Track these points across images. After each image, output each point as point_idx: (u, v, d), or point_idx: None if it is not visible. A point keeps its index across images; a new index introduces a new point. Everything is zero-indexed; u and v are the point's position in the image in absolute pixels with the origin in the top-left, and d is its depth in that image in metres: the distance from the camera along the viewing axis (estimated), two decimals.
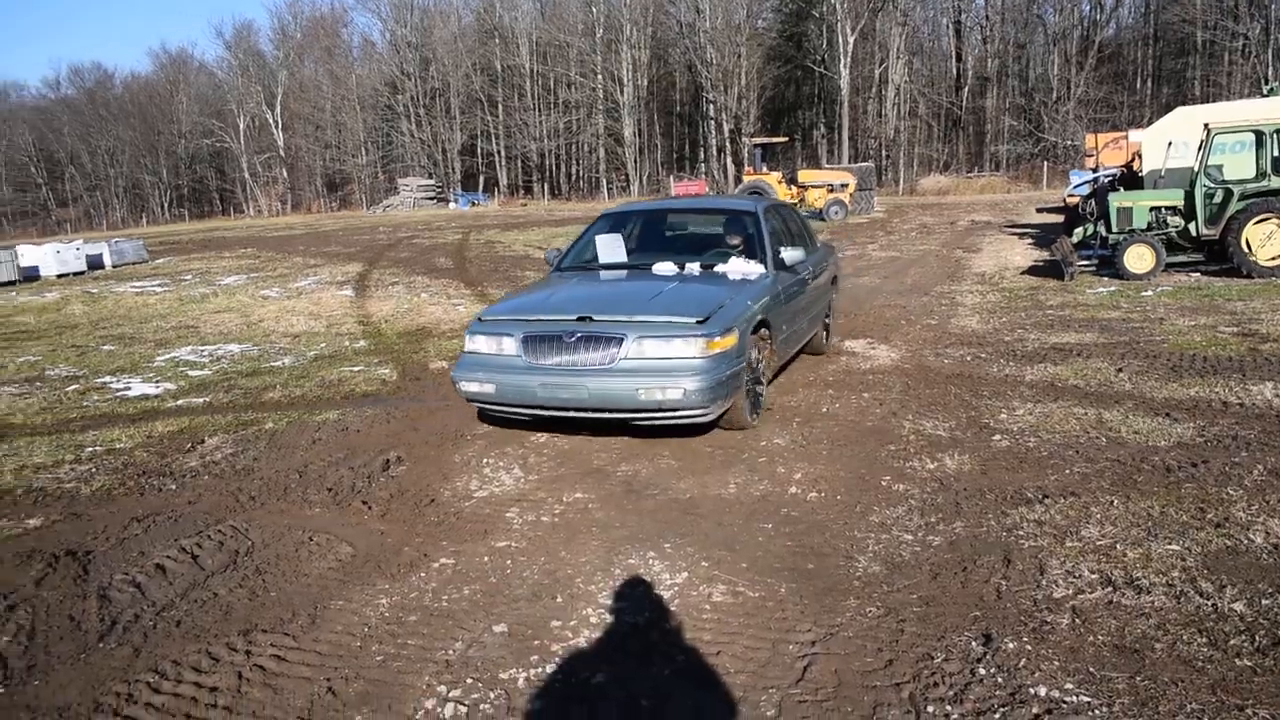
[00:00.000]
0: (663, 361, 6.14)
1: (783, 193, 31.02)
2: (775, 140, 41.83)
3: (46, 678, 3.87)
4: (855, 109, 56.71)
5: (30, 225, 75.13)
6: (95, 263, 26.80)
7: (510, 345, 6.54)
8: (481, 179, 69.80)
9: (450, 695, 3.56)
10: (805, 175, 33.77)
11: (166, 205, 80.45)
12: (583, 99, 64.06)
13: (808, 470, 5.97)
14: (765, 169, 33.52)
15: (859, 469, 5.95)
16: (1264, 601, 3.90)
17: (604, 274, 7.92)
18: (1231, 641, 3.60)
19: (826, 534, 4.92)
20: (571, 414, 6.41)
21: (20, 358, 12.01)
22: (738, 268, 7.44)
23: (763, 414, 7.13)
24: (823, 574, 4.45)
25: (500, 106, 67.96)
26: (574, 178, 68.84)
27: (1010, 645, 3.66)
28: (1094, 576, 4.22)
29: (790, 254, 7.83)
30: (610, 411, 6.26)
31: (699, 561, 4.67)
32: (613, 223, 8.81)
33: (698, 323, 6.25)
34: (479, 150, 70.47)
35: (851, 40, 52.77)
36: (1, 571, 4.95)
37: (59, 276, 24.94)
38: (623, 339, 6.21)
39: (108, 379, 10.32)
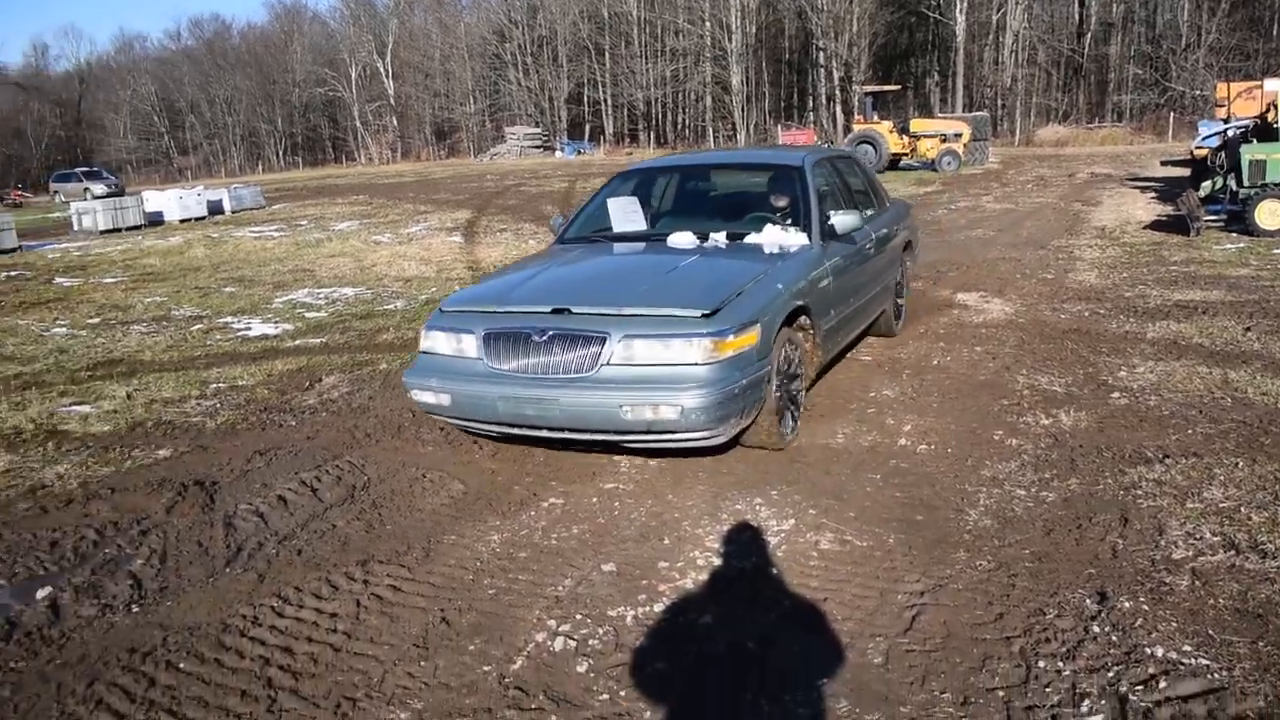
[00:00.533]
0: (656, 369, 4.78)
1: (894, 143, 30.37)
2: (887, 89, 40.81)
3: (178, 599, 4.08)
4: (970, 56, 54.91)
5: (153, 172, 76.33)
6: (215, 208, 27.98)
7: (470, 344, 5.21)
8: (587, 128, 69.76)
9: (559, 630, 3.64)
10: (917, 125, 32.75)
11: (281, 153, 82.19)
12: (690, 46, 63.12)
13: (917, 422, 5.90)
14: (876, 118, 32.57)
15: (970, 423, 5.86)
16: None
17: (615, 247, 6.62)
18: None
19: (936, 486, 4.87)
20: (544, 434, 5.11)
21: (148, 298, 12.55)
22: (773, 238, 6.12)
23: (806, 417, 5.93)
24: (932, 526, 4.41)
25: (607, 54, 67.48)
26: (680, 126, 68.28)
27: (1126, 604, 3.58)
28: (1216, 539, 4.08)
29: (843, 219, 6.35)
30: (590, 433, 4.98)
31: (806, 509, 4.68)
32: (633, 182, 7.34)
33: (704, 316, 4.84)
34: (585, 99, 70.49)
35: None
36: (135, 499, 5.21)
37: (181, 221, 26.10)
38: (605, 338, 4.85)
39: (229, 319, 10.72)
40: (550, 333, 4.96)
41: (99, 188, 41.68)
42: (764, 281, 5.36)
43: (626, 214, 6.73)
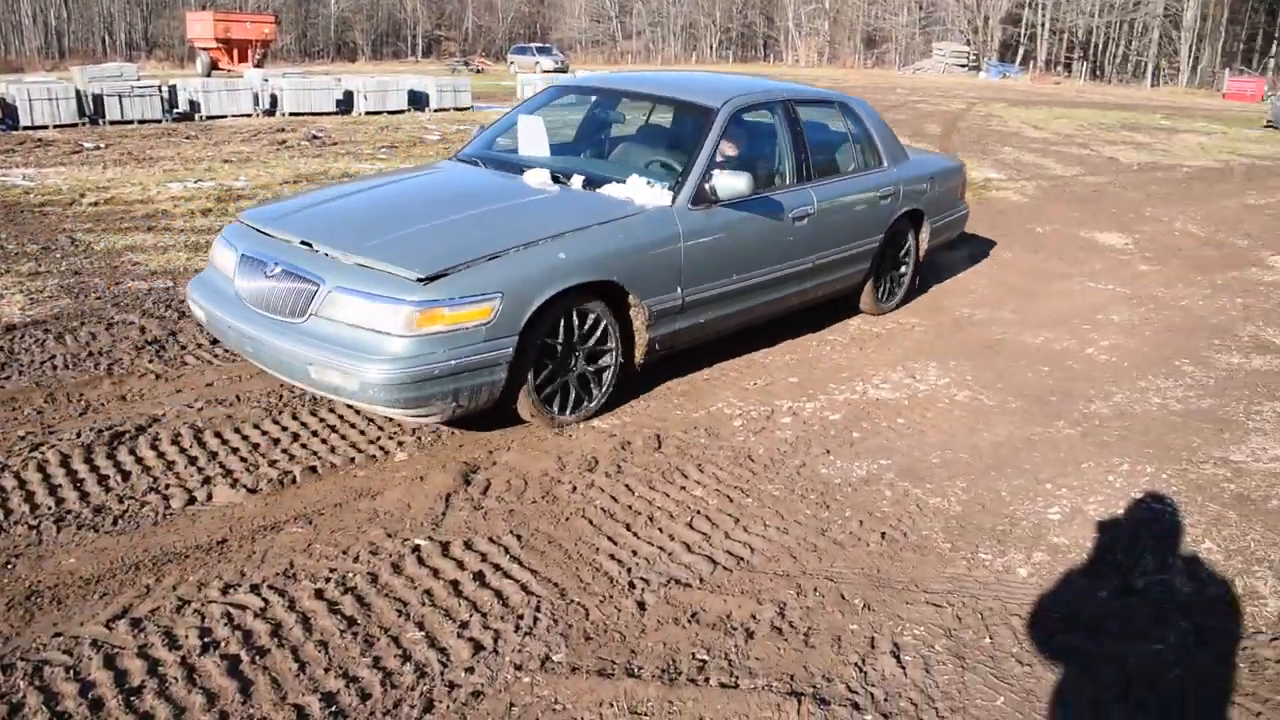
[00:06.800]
0: (355, 332, 4.18)
1: None
2: None
3: None
4: None
5: (598, 53, 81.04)
6: None
7: (231, 263, 4.73)
8: (1020, 51, 69.06)
9: (736, 404, 5.31)
10: None
11: (715, 46, 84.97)
12: None
13: (1117, 341, 6.74)
14: None
15: (1167, 350, 6.58)
16: None
17: (461, 176, 5.84)
18: None
19: (1089, 383, 5.86)
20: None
21: None
22: (632, 192, 5.25)
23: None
24: (1057, 404, 5.49)
25: None
26: (1119, 59, 61.91)
27: (1167, 477, 4.60)
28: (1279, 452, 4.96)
29: (725, 182, 5.23)
30: (294, 383, 4.47)
31: (965, 375, 5.91)
32: (553, 100, 6.71)
33: (420, 280, 4.15)
34: (1023, 20, 68.96)
35: None
36: None
37: None
38: (318, 285, 4.28)
39: None
40: (281, 267, 4.46)
41: (548, 63, 48.90)
42: (545, 246, 4.58)
43: (534, 136, 6.06)
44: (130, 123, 18.47)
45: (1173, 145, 21.56)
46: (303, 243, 4.56)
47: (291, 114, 20.90)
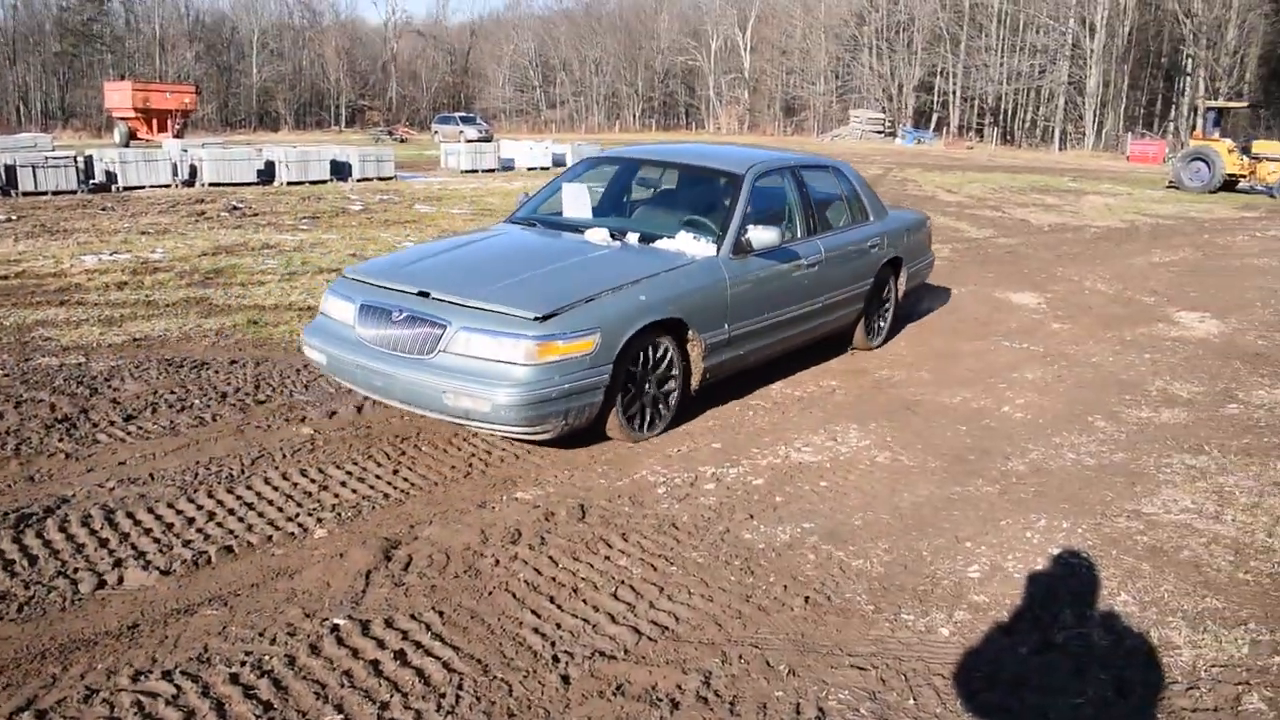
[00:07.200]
0: (483, 363, 5.07)
1: (1231, 162, 27.85)
2: (1234, 105, 36.32)
3: None
4: None
5: (522, 122, 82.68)
6: (558, 160, 30.08)
7: (349, 312, 5.60)
8: (934, 117, 70.38)
9: (659, 469, 5.34)
10: (1262, 146, 28.97)
11: (638, 115, 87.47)
12: (1050, 44, 61.88)
13: (1032, 399, 6.88)
14: (1216, 134, 29.02)
15: (1079, 407, 6.71)
16: None
17: (530, 236, 6.77)
18: None
19: (1006, 441, 5.99)
20: (394, 404, 5.52)
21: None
22: (682, 245, 6.27)
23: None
24: (976, 463, 5.60)
25: (962, 45, 67.42)
26: (1028, 125, 64.02)
27: (1082, 532, 4.70)
28: (1189, 504, 5.09)
29: (759, 235, 6.36)
30: (422, 410, 5.31)
31: (885, 437, 6.00)
32: (593, 169, 7.69)
33: (536, 319, 5.08)
34: (935, 89, 70.81)
35: None
36: None
37: (528, 169, 29.06)
38: (445, 327, 5.16)
39: None
40: (406, 313, 5.32)
41: (472, 132, 49.17)
42: (628, 290, 5.54)
43: (577, 201, 7.02)
44: (44, 194, 18.14)
45: (1081, 206, 22.28)
46: (419, 293, 5.43)
47: (212, 184, 20.69)
